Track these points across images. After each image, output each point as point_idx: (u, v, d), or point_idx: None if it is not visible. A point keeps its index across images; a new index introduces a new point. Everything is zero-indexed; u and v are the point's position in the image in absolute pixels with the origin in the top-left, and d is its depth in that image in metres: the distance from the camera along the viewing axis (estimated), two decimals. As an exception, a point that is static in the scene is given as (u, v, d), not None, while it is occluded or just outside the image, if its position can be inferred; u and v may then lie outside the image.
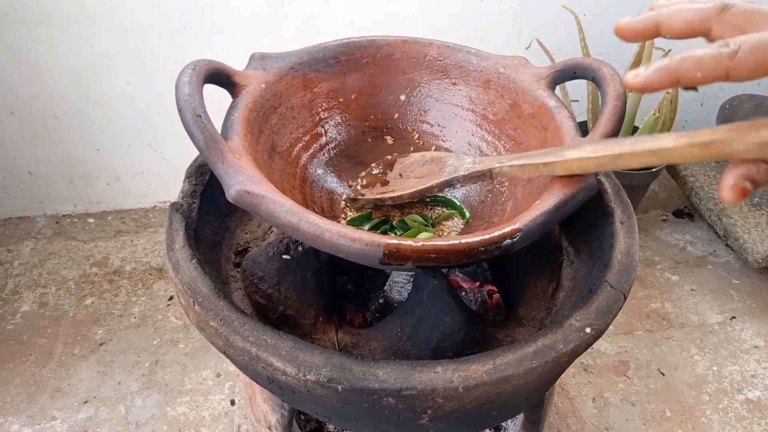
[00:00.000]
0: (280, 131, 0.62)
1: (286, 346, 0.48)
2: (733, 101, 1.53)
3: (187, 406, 1.12)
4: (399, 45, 0.70)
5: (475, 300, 0.70)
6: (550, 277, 0.65)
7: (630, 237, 0.59)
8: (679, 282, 1.41)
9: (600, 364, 1.21)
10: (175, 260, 0.56)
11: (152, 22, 1.26)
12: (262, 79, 0.61)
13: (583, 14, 1.34)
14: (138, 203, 1.59)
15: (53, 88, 1.32)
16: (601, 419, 1.11)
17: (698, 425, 1.10)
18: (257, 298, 0.60)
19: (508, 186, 0.64)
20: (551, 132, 0.59)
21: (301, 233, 0.45)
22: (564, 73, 0.63)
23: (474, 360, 0.48)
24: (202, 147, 0.48)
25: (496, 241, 0.45)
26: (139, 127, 1.42)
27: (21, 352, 1.21)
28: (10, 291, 1.34)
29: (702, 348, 1.25)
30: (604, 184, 0.66)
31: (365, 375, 0.46)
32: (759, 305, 1.34)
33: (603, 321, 0.51)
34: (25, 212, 1.54)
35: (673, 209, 1.63)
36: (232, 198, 0.46)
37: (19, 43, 1.24)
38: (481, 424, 0.58)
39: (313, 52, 0.67)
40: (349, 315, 0.69)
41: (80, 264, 1.42)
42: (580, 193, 0.49)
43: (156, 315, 1.30)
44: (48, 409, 1.11)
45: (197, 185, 0.66)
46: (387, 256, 0.44)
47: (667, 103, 1.28)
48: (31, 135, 1.39)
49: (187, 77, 0.51)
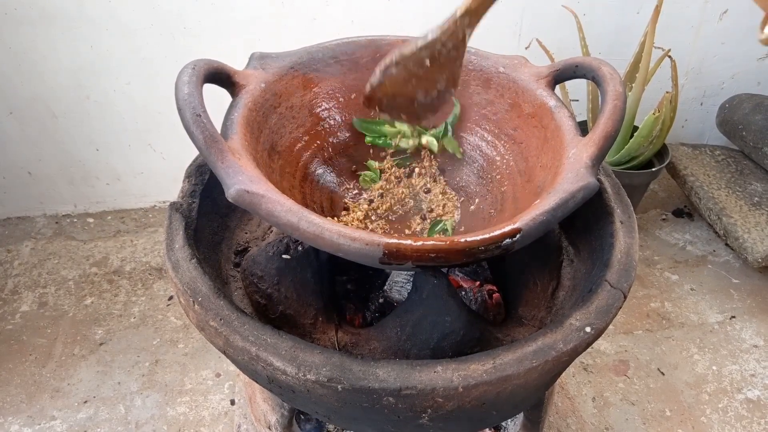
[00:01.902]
0: (280, 131, 0.62)
1: (285, 346, 0.48)
2: (733, 100, 1.53)
3: (187, 406, 1.12)
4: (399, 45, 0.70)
5: (475, 299, 0.70)
6: (550, 277, 0.65)
7: (630, 236, 0.59)
8: (678, 281, 1.41)
9: (600, 364, 1.21)
10: (175, 260, 0.56)
11: (152, 22, 1.26)
12: (261, 79, 0.61)
13: (583, 14, 1.34)
14: (138, 203, 1.59)
15: (53, 88, 1.32)
16: (600, 419, 1.11)
17: (698, 425, 1.10)
18: (257, 297, 0.60)
19: (508, 185, 0.64)
20: (551, 131, 0.59)
21: (301, 232, 0.45)
22: (564, 73, 0.63)
23: (474, 359, 0.48)
24: (202, 146, 0.48)
25: (496, 241, 0.45)
26: (139, 127, 1.42)
27: (21, 352, 1.21)
28: (10, 291, 1.34)
29: (702, 347, 1.25)
30: (604, 184, 0.66)
31: (365, 374, 0.46)
32: (759, 305, 1.34)
33: (603, 320, 0.51)
34: (25, 212, 1.54)
35: (672, 209, 1.63)
36: (231, 197, 0.46)
37: (19, 43, 1.24)
38: (481, 423, 0.58)
39: (313, 51, 0.67)
40: (349, 315, 0.69)
41: (80, 264, 1.42)
42: (581, 193, 0.49)
43: (156, 315, 1.30)
44: (48, 409, 1.11)
45: (197, 185, 0.66)
46: (387, 256, 0.44)
47: (666, 102, 1.28)
48: (31, 135, 1.39)
49: (187, 77, 0.51)
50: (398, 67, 0.57)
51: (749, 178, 1.48)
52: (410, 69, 0.57)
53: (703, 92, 1.63)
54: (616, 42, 1.46)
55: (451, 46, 0.55)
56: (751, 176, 1.49)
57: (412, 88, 0.59)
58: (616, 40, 1.46)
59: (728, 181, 1.47)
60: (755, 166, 1.52)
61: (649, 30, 1.25)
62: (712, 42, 1.51)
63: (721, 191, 1.43)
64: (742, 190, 1.44)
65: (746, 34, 1.51)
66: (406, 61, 0.56)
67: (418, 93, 0.59)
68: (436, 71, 0.57)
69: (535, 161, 0.61)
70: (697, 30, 1.48)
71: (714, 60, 1.55)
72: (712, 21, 1.47)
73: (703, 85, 1.61)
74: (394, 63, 0.56)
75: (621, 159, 1.41)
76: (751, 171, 1.51)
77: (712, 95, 1.64)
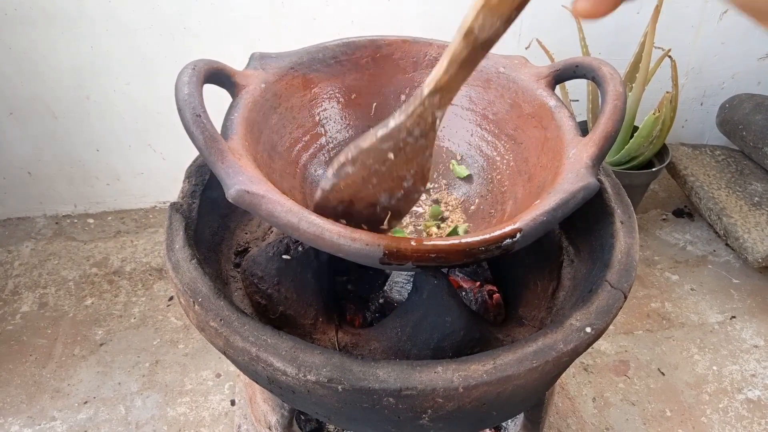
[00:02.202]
0: (280, 131, 0.62)
1: (286, 346, 0.48)
2: (733, 100, 1.53)
3: (187, 407, 1.12)
4: (399, 45, 0.70)
5: (476, 300, 0.70)
6: (550, 277, 0.65)
7: (630, 236, 0.59)
8: (679, 281, 1.41)
9: (600, 364, 1.21)
10: (175, 260, 0.56)
11: (152, 22, 1.26)
12: (261, 79, 0.61)
13: (583, 14, 1.34)
14: (138, 203, 1.59)
15: (53, 88, 1.32)
16: (601, 419, 1.11)
17: (698, 425, 1.10)
18: (257, 298, 0.60)
19: (508, 186, 0.64)
20: (551, 131, 0.59)
21: (301, 233, 0.45)
22: (564, 73, 0.63)
23: (474, 360, 0.47)
24: (202, 147, 0.48)
25: (497, 241, 0.45)
26: (139, 127, 1.42)
27: (21, 353, 1.21)
28: (10, 291, 1.34)
29: (702, 347, 1.25)
30: (604, 184, 0.65)
31: (365, 375, 0.46)
32: (759, 305, 1.34)
33: (603, 321, 0.51)
34: (25, 213, 1.54)
35: (673, 209, 1.63)
36: (231, 198, 0.46)
37: (19, 43, 1.24)
38: (481, 424, 0.58)
39: (313, 51, 0.67)
40: (349, 315, 0.69)
41: (80, 264, 1.42)
42: (581, 193, 0.49)
43: (156, 315, 1.30)
44: (48, 409, 1.11)
45: (197, 185, 0.66)
46: (387, 256, 0.44)
47: (666, 102, 1.28)
48: (31, 135, 1.39)
49: (187, 77, 0.51)
50: (355, 165, 0.46)
51: (749, 178, 1.48)
52: (369, 166, 0.46)
53: (703, 92, 1.63)
54: (616, 42, 1.46)
55: (419, 134, 0.44)
56: (751, 176, 1.49)
57: (373, 190, 0.48)
58: (616, 40, 1.46)
59: (728, 181, 1.47)
60: (755, 166, 1.52)
61: (649, 30, 1.25)
62: (712, 42, 1.51)
63: (722, 191, 1.43)
64: (743, 190, 1.44)
65: (746, 34, 1.51)
66: (365, 157, 0.46)
67: (380, 196, 0.49)
68: (401, 166, 0.47)
69: (535, 161, 0.61)
70: (697, 30, 1.48)
71: (714, 60, 1.55)
72: (712, 21, 1.47)
73: (703, 85, 1.61)
74: (349, 160, 0.46)
75: (621, 159, 1.41)
76: (752, 171, 1.51)
77: (712, 95, 1.64)
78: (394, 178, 0.48)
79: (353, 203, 0.49)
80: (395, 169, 0.47)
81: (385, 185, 0.48)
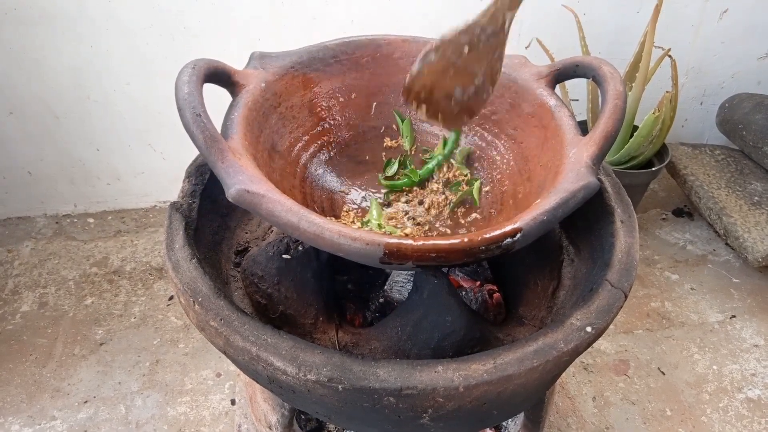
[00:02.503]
0: (280, 130, 0.62)
1: (286, 346, 0.48)
2: (733, 100, 1.53)
3: (188, 406, 1.12)
4: (399, 44, 0.70)
5: (476, 299, 0.70)
6: (550, 276, 0.65)
7: (630, 236, 0.59)
8: (679, 281, 1.41)
9: (600, 363, 1.21)
10: (175, 260, 0.56)
11: (152, 22, 1.26)
12: (262, 78, 0.61)
13: (583, 13, 1.34)
14: (138, 203, 1.59)
15: (53, 88, 1.32)
16: (601, 418, 1.11)
17: (698, 424, 1.10)
18: (257, 297, 0.60)
19: (508, 185, 0.64)
20: (551, 131, 0.59)
21: (301, 232, 0.45)
22: (564, 72, 0.63)
23: (475, 359, 0.48)
24: (202, 146, 0.48)
25: (497, 240, 0.45)
26: (139, 127, 1.42)
27: (21, 352, 1.21)
28: (10, 291, 1.34)
29: (702, 347, 1.25)
30: (604, 183, 0.66)
31: (366, 374, 0.46)
32: (759, 304, 1.34)
33: (604, 320, 0.51)
34: (25, 212, 1.54)
35: (672, 208, 1.63)
36: (231, 197, 0.46)
37: (19, 43, 1.24)
38: (481, 423, 0.58)
39: (313, 51, 0.67)
40: (350, 314, 0.69)
41: (80, 264, 1.42)
42: (581, 192, 0.49)
43: (156, 315, 1.30)
44: (48, 409, 1.11)
45: (197, 185, 0.66)
46: (387, 256, 0.44)
47: (666, 102, 1.28)
48: (31, 135, 1.39)
49: (187, 76, 0.51)
50: (437, 53, 0.54)
51: (749, 177, 1.48)
52: (449, 57, 0.54)
53: (703, 91, 1.63)
54: (616, 41, 1.46)
55: (491, 32, 0.53)
56: (751, 176, 1.49)
57: (450, 81, 0.56)
58: (616, 39, 1.46)
59: (728, 180, 1.47)
60: (755, 165, 1.52)
61: (649, 29, 1.25)
62: (712, 41, 1.51)
63: (721, 191, 1.43)
64: (742, 189, 1.44)
65: (746, 34, 1.51)
66: (445, 47, 0.54)
67: (455, 89, 0.56)
68: (474, 61, 0.55)
69: (535, 161, 0.61)
70: (697, 29, 1.48)
71: (714, 59, 1.55)
72: (712, 20, 1.47)
73: (703, 85, 1.61)
74: (433, 48, 0.54)
75: (621, 158, 1.41)
76: (751, 170, 1.51)
77: (712, 94, 1.64)
78: (467, 74, 0.55)
79: (432, 92, 0.56)
80: (469, 64, 0.54)
81: (460, 79, 0.56)
